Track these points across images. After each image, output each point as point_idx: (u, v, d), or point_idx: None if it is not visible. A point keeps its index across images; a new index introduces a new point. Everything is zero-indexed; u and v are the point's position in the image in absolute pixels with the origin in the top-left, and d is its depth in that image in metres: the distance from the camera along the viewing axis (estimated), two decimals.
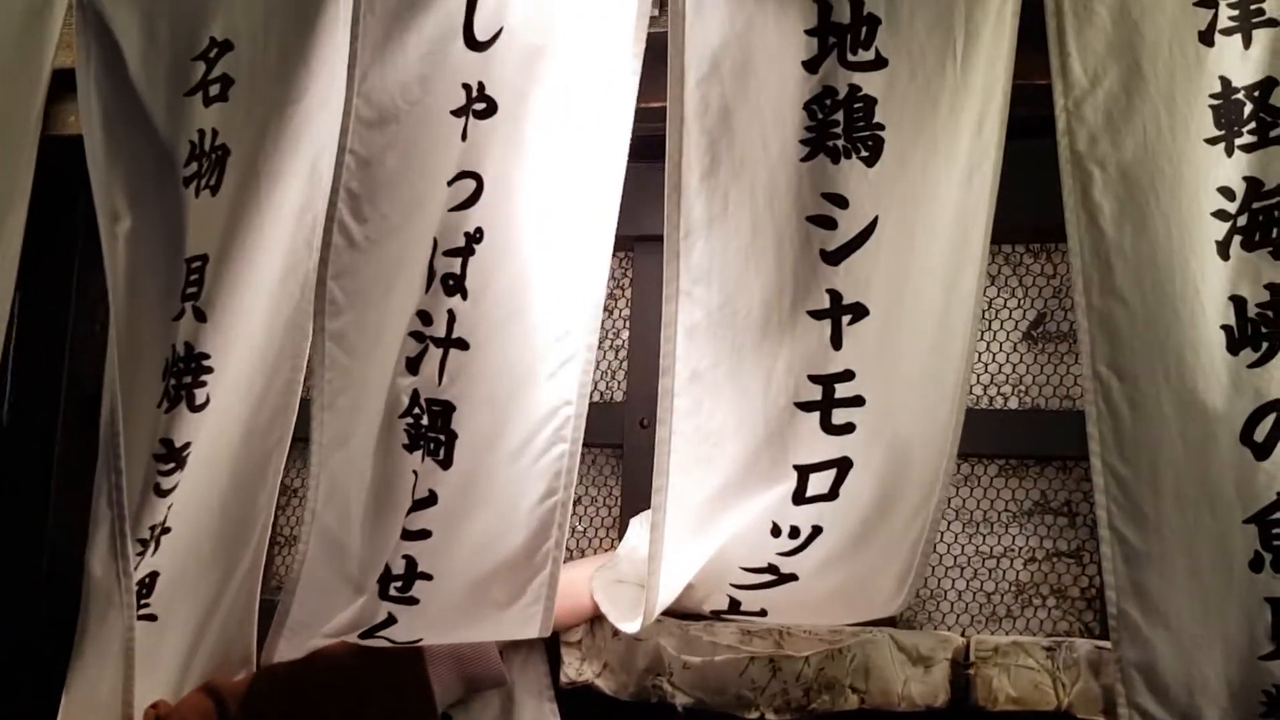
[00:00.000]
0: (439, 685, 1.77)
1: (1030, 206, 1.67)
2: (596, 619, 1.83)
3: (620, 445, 2.02)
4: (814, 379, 1.57)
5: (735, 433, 1.59)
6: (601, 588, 1.81)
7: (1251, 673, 1.43)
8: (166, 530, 1.81)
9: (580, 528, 2.06)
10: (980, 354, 1.90)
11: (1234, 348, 1.46)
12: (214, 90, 1.80)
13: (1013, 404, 1.88)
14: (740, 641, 1.76)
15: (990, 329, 1.90)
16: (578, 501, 2.06)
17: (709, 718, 1.77)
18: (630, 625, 1.70)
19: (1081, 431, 1.53)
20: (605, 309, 2.07)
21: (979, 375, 1.89)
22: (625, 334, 2.06)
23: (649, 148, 1.66)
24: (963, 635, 1.74)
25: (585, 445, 2.03)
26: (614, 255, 2.06)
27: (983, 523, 1.87)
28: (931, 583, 1.88)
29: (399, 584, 1.68)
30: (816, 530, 1.63)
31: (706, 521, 1.63)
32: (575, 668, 1.85)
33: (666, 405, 1.57)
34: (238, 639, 1.86)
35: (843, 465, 1.59)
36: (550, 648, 1.87)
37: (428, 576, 1.67)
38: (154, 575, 1.83)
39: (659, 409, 1.58)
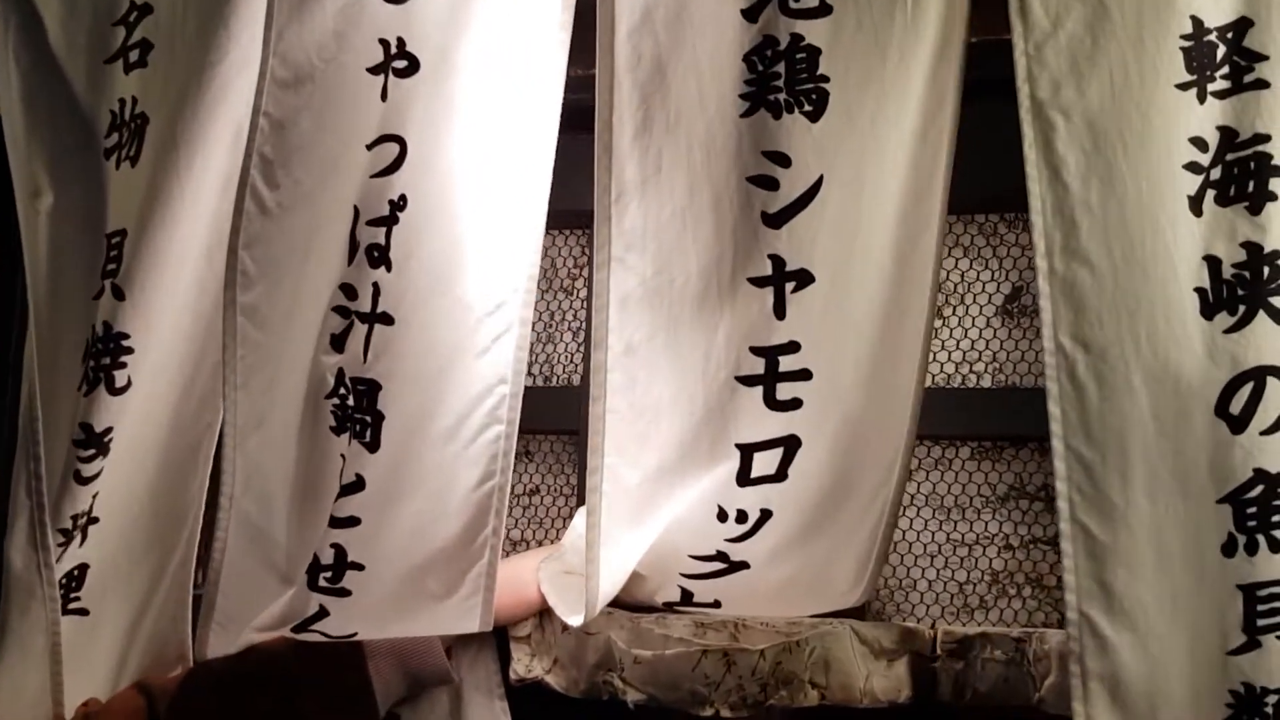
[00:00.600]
0: (380, 681, 1.68)
1: (1004, 173, 1.54)
2: (546, 613, 1.74)
3: (577, 431, 1.92)
4: (756, 351, 1.47)
5: (673, 409, 1.49)
6: (548, 579, 1.72)
7: (1219, 672, 1.32)
8: (94, 520, 1.73)
9: (536, 518, 1.97)
10: (952, 330, 1.79)
11: (1209, 312, 1.34)
12: (134, 56, 1.72)
13: (986, 382, 1.77)
14: (693, 634, 1.66)
15: (963, 303, 1.80)
16: (534, 491, 1.98)
17: (662, 715, 1.68)
18: (576, 618, 1.61)
19: None
20: (564, 289, 2.00)
21: (950, 352, 1.79)
22: (584, 315, 1.96)
23: None
24: (933, 627, 1.63)
25: (541, 432, 1.97)
26: (572, 233, 1.99)
27: (954, 509, 1.77)
28: (900, 572, 1.77)
29: (328, 574, 1.59)
30: (765, 514, 1.53)
31: (647, 505, 1.53)
32: (525, 664, 1.77)
33: (600, 380, 1.47)
34: (171, 635, 1.79)
35: (790, 444, 1.48)
36: (501, 644, 1.78)
37: (359, 566, 1.58)
38: (83, 568, 1.75)
39: (592, 385, 1.48)
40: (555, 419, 1.94)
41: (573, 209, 1.67)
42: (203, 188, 1.68)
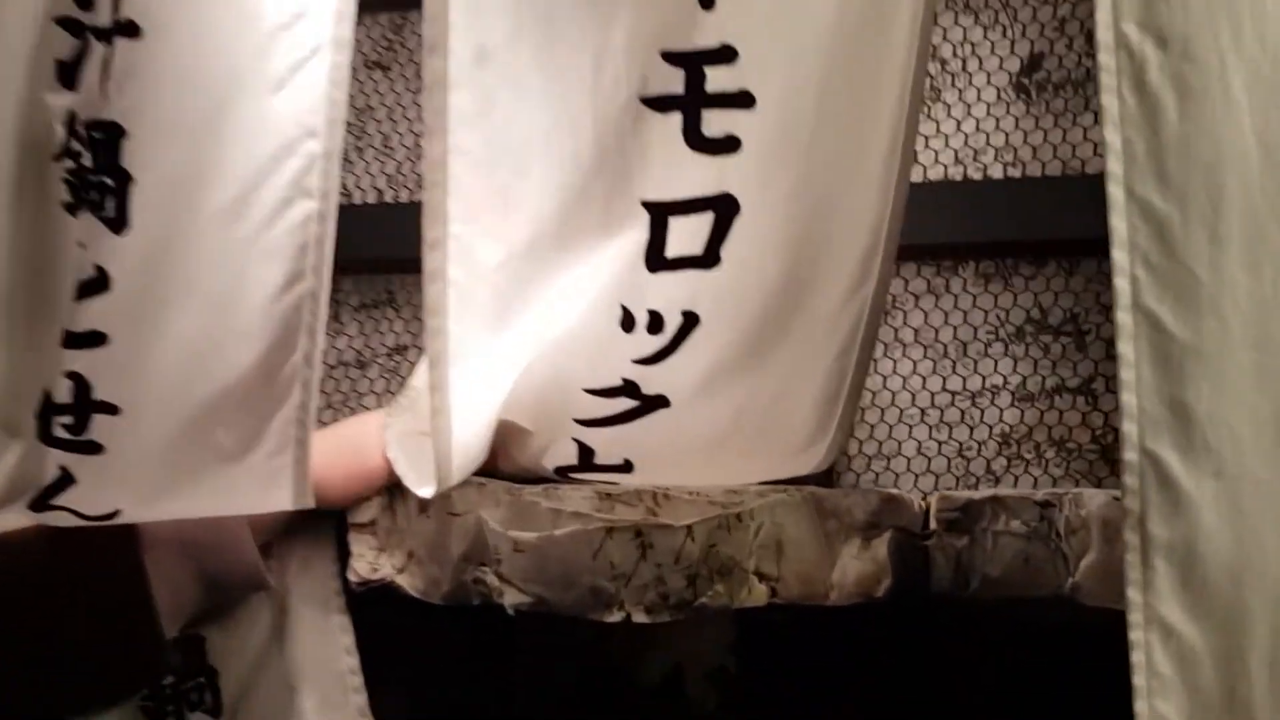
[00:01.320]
0: (164, 584, 1.22)
1: None
2: (396, 489, 1.29)
3: None
4: (671, 58, 0.99)
5: (547, 148, 1.02)
6: (398, 440, 1.28)
7: None
8: None
9: (401, 380, 1.51)
10: (951, 109, 1.36)
11: None
12: None
13: (996, 173, 1.33)
14: (595, 509, 1.21)
15: (965, 71, 1.36)
16: (402, 349, 1.55)
17: (553, 624, 1.23)
18: (429, 487, 1.16)
19: (1096, 207, 0.93)
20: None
21: (948, 138, 1.35)
22: None
23: None
24: (925, 497, 1.19)
25: (411, 270, 1.50)
26: None
27: (952, 345, 1.34)
28: (880, 432, 1.34)
29: (68, 420, 1.13)
30: (690, 320, 1.07)
31: (514, 301, 1.06)
32: (369, 561, 1.33)
33: (437, 105, 0.99)
34: None
35: (722, 207, 1.02)
36: (340, 537, 1.33)
37: (111, 408, 1.13)
38: None
39: (425, 112, 1.00)
40: None
41: None
42: None
